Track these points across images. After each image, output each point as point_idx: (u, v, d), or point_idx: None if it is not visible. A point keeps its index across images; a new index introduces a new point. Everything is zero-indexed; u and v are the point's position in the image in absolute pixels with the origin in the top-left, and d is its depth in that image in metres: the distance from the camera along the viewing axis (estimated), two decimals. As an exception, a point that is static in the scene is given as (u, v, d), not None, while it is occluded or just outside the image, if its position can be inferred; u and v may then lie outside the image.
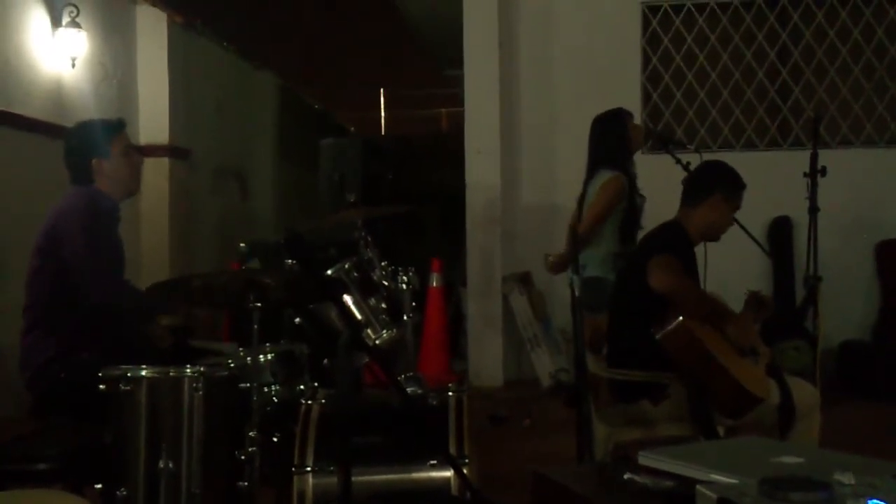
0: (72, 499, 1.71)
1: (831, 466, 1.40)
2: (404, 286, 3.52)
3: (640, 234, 4.08)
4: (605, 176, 4.20)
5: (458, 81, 8.00)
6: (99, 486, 2.45)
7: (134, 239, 6.00)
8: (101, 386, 2.47)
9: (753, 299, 3.24)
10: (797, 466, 1.51)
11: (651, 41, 6.61)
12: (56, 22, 5.70)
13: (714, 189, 3.22)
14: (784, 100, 6.54)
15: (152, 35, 6.86)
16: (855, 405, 5.22)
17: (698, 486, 1.37)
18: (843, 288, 5.91)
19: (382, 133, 13.92)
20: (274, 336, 3.15)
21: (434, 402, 2.66)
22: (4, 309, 4.69)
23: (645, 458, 1.63)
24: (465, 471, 2.35)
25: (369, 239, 3.53)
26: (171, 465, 2.43)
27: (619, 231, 4.24)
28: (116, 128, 3.24)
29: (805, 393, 3.08)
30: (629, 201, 4.25)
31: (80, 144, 3.15)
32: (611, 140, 4.27)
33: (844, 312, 5.99)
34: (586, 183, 4.27)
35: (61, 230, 2.99)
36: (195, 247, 7.34)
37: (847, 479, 1.35)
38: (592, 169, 4.28)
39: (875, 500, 1.25)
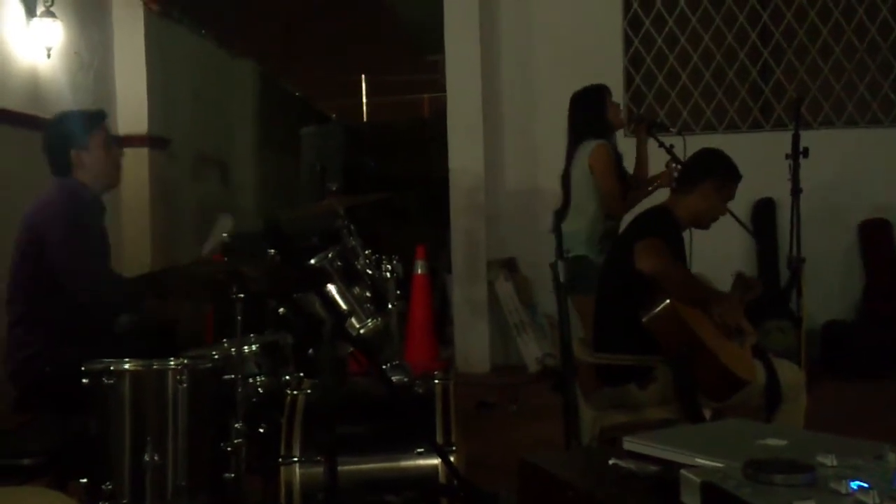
0: (54, 495, 1.69)
1: (814, 448, 1.41)
2: (388, 274, 3.51)
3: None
4: (589, 146, 4.21)
5: (440, 66, 7.96)
6: (84, 480, 2.44)
7: (115, 230, 5.90)
8: (84, 380, 2.46)
9: (740, 281, 3.25)
10: (781, 449, 1.52)
11: (632, 23, 6.60)
12: (31, 12, 5.61)
13: (705, 177, 3.23)
14: (766, 81, 6.55)
15: (129, 24, 6.77)
16: (839, 385, 5.26)
17: (682, 471, 1.37)
18: (826, 268, 5.94)
19: (364, 120, 13.88)
20: (258, 327, 3.13)
21: (420, 391, 2.65)
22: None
23: (630, 444, 1.63)
24: (452, 458, 2.35)
25: (352, 227, 3.51)
26: (156, 457, 2.42)
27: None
28: (97, 119, 3.21)
29: (791, 374, 3.09)
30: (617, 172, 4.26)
31: (59, 135, 3.11)
32: (591, 114, 4.30)
33: (828, 293, 6.03)
34: (570, 157, 4.31)
35: (43, 223, 2.96)
36: (176, 237, 7.29)
37: (830, 460, 1.36)
38: (575, 142, 4.31)
39: (857, 482, 1.25)
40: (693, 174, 3.28)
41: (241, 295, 2.61)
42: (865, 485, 1.24)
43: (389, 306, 3.46)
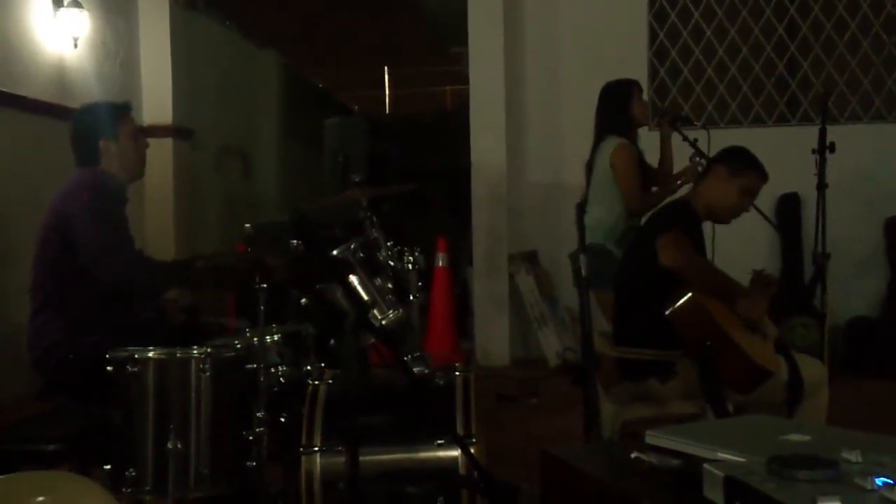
0: (80, 480, 1.71)
1: (839, 444, 1.40)
2: (410, 266, 3.50)
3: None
4: (611, 144, 4.23)
5: (463, 58, 7.94)
6: (107, 466, 2.47)
7: (138, 220, 5.97)
8: (108, 367, 2.48)
9: (758, 279, 3.23)
10: (805, 444, 1.51)
11: (658, 16, 6.55)
12: (58, 2, 5.66)
13: (717, 162, 3.22)
14: (792, 75, 6.48)
15: (154, 14, 6.81)
16: (863, 382, 5.22)
17: (705, 465, 1.37)
18: (851, 264, 5.88)
19: (387, 112, 13.89)
20: (280, 317, 3.15)
21: (441, 382, 2.65)
22: (12, 291, 4.70)
23: (652, 437, 1.62)
24: (472, 450, 2.35)
25: (375, 219, 3.51)
26: (179, 445, 2.44)
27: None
28: (124, 110, 3.24)
29: (813, 369, 3.07)
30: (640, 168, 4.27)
31: (88, 125, 3.13)
32: (615, 110, 4.31)
33: (853, 289, 5.96)
34: (594, 150, 4.33)
35: (68, 210, 2.98)
36: (199, 227, 7.34)
37: (854, 456, 1.35)
38: (599, 137, 4.33)
39: (882, 478, 1.24)
40: (708, 163, 3.29)
41: (264, 285, 2.62)
42: (891, 481, 1.22)
43: (411, 298, 3.45)
